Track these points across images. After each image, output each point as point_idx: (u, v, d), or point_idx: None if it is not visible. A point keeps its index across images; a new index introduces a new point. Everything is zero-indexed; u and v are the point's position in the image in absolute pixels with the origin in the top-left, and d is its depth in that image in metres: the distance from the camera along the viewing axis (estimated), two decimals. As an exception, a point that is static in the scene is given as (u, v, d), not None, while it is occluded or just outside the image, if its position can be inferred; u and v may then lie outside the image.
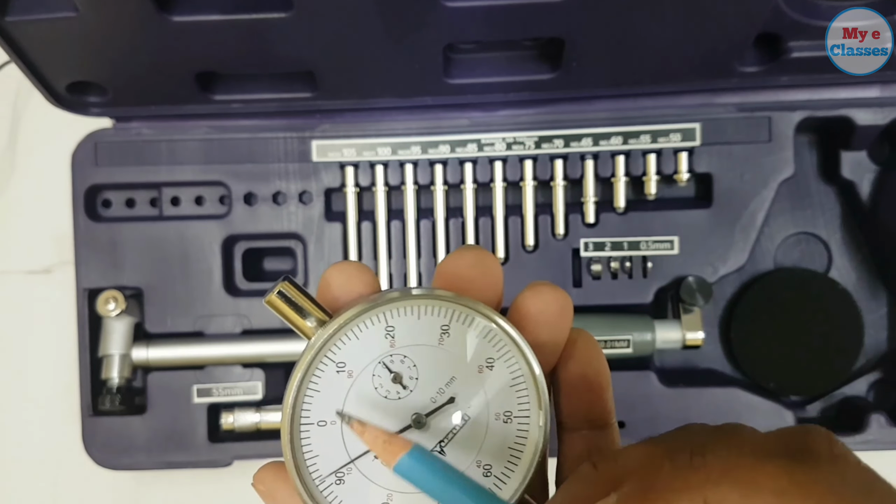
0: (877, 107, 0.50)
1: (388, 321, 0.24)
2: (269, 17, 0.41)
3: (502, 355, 0.25)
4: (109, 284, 0.51)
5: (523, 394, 0.25)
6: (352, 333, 0.24)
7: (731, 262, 0.51)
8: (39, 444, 0.56)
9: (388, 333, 0.24)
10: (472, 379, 0.25)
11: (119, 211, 0.52)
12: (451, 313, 0.25)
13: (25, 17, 0.41)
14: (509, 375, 0.25)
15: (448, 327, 0.25)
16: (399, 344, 0.24)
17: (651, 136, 0.50)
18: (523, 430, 0.25)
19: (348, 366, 0.24)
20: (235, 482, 0.55)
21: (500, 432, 0.25)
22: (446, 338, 0.25)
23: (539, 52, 0.48)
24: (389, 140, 0.51)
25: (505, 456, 0.25)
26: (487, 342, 0.25)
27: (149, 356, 0.50)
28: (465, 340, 0.25)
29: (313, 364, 0.24)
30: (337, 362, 0.24)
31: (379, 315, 0.24)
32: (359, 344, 0.24)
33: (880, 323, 0.53)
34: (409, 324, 0.25)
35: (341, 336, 0.24)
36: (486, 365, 0.25)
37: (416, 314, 0.25)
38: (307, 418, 0.24)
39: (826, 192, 0.54)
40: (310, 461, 0.24)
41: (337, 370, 0.24)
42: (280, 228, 0.51)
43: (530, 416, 0.25)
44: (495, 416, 0.25)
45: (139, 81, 0.48)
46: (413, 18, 0.42)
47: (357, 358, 0.24)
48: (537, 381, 0.25)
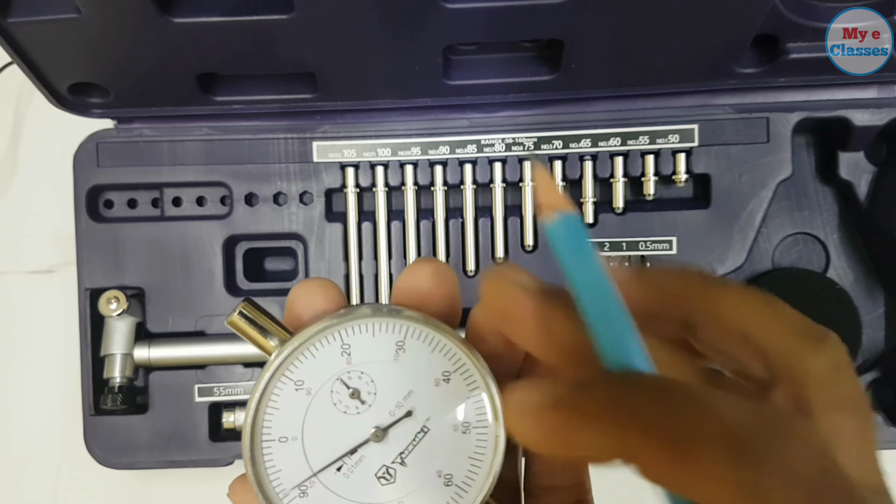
0: (874, 108, 0.50)
1: (343, 339, 0.25)
2: (270, 19, 0.41)
3: (458, 368, 0.25)
4: (111, 284, 0.51)
5: (480, 405, 0.25)
6: (308, 352, 0.25)
7: (730, 262, 0.51)
8: (42, 443, 0.56)
9: (345, 351, 0.25)
10: (429, 392, 0.25)
11: (121, 211, 0.53)
12: (405, 329, 0.25)
13: (27, 19, 0.41)
14: (466, 388, 0.25)
15: (403, 343, 0.25)
16: (356, 361, 0.25)
17: (649, 137, 0.50)
18: (482, 440, 0.25)
19: (306, 383, 0.25)
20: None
21: (459, 443, 0.25)
22: (402, 353, 0.25)
23: (538, 54, 0.48)
24: (389, 141, 0.51)
25: (465, 465, 0.25)
26: (443, 356, 0.25)
27: (150, 356, 0.50)
28: (421, 355, 0.25)
29: (271, 383, 0.25)
30: (295, 380, 0.25)
31: (335, 333, 0.25)
32: (316, 362, 0.25)
33: (878, 323, 0.54)
34: (364, 341, 0.25)
35: (298, 355, 0.25)
36: (442, 378, 0.25)
37: (370, 331, 0.25)
38: (268, 435, 0.25)
39: (824, 192, 0.54)
40: (272, 475, 0.25)
41: (295, 388, 0.25)
42: (281, 229, 0.52)
43: (488, 427, 0.25)
44: (454, 427, 0.25)
45: (141, 83, 0.48)
46: (413, 20, 0.42)
47: (314, 375, 0.25)
48: (492, 393, 0.25)
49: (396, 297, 0.26)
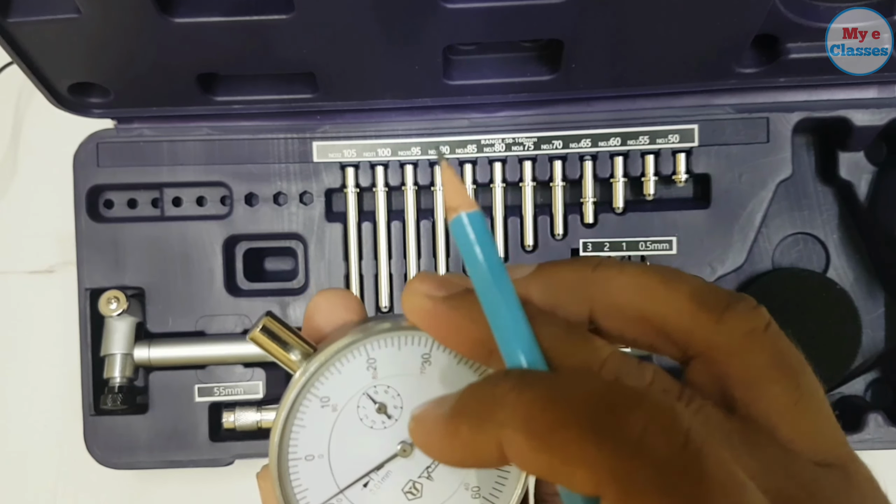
0: (874, 108, 0.50)
1: (369, 353, 0.25)
2: (271, 19, 0.41)
3: None
4: (111, 284, 0.51)
5: None
6: (334, 368, 0.25)
7: (730, 262, 0.51)
8: (42, 443, 0.57)
9: (371, 365, 0.25)
10: None
11: (121, 211, 0.53)
12: (430, 342, 0.25)
13: (27, 19, 0.41)
14: None
15: (429, 356, 0.25)
16: (381, 375, 0.25)
17: (649, 137, 0.50)
18: None
19: (332, 400, 0.25)
20: (237, 481, 0.55)
21: None
22: (428, 366, 0.25)
23: (538, 54, 0.48)
24: (390, 141, 0.51)
25: (493, 477, 0.25)
26: (468, 367, 0.25)
27: (150, 356, 0.50)
28: (447, 368, 0.25)
29: (297, 400, 0.24)
30: (321, 397, 0.25)
31: (360, 348, 0.25)
32: (342, 378, 0.25)
33: (878, 322, 0.54)
34: (390, 355, 0.25)
35: (324, 371, 0.24)
36: None
37: (396, 345, 0.25)
38: (294, 454, 0.24)
39: (824, 192, 0.54)
40: (299, 494, 0.24)
41: (321, 405, 0.25)
42: (281, 229, 0.52)
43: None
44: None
45: (141, 83, 0.48)
46: (413, 20, 0.42)
47: (340, 391, 0.25)
48: None
49: (310, 334, 0.26)
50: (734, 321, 0.20)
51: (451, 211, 0.22)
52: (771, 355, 0.20)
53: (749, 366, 0.20)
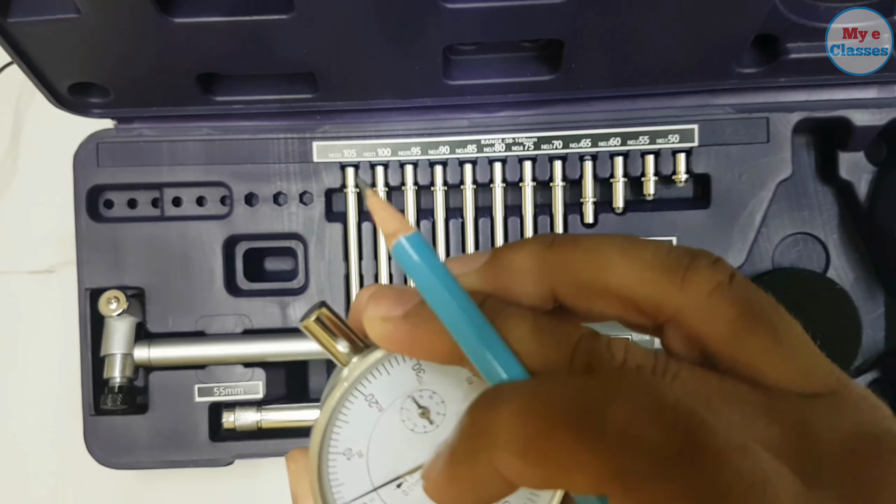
0: (874, 108, 0.50)
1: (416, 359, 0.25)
2: (271, 19, 0.41)
3: None
4: (111, 284, 0.51)
5: None
6: (383, 368, 0.24)
7: (730, 262, 0.49)
8: (41, 443, 0.57)
9: (418, 370, 0.25)
10: None
11: (121, 211, 0.53)
12: None
13: (27, 19, 0.41)
14: None
15: None
16: (427, 381, 0.25)
17: (649, 137, 0.50)
18: None
19: (378, 399, 0.24)
20: (237, 481, 0.55)
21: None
22: (474, 378, 0.25)
23: (538, 54, 0.48)
24: (389, 141, 0.51)
25: (525, 495, 0.25)
26: None
27: (150, 356, 0.50)
28: None
29: (344, 396, 0.24)
30: (367, 395, 0.24)
31: None
32: (389, 379, 0.24)
33: (878, 323, 0.54)
34: None
35: (373, 370, 0.24)
36: None
37: None
38: (335, 447, 0.24)
39: (824, 192, 0.54)
40: (335, 488, 0.24)
41: (367, 403, 0.24)
42: (281, 229, 0.52)
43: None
44: None
45: (141, 83, 0.48)
46: (413, 20, 0.42)
47: (386, 391, 0.24)
48: None
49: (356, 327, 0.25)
50: (697, 280, 0.20)
51: (389, 238, 0.21)
52: (741, 306, 0.20)
53: (721, 321, 0.19)
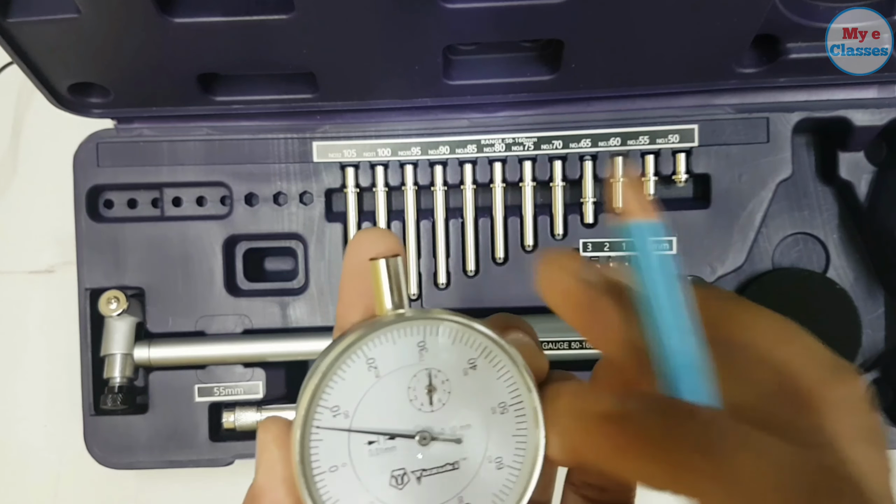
0: (874, 108, 0.50)
1: (426, 336, 0.25)
2: (271, 19, 0.41)
3: (515, 402, 0.25)
4: (111, 284, 0.51)
5: (521, 447, 0.25)
6: (391, 335, 0.24)
7: (729, 262, 0.51)
8: (41, 443, 0.57)
9: (421, 348, 0.25)
10: (483, 420, 0.25)
11: (121, 211, 0.53)
12: (482, 349, 0.25)
13: (27, 19, 0.41)
14: (515, 426, 0.25)
15: (475, 361, 0.25)
16: (426, 360, 0.25)
17: (649, 137, 0.50)
18: (511, 480, 0.25)
19: (378, 364, 0.24)
20: (237, 481, 0.55)
21: (488, 477, 0.25)
22: (472, 371, 0.25)
23: (538, 54, 0.48)
24: (389, 141, 0.51)
25: (489, 500, 0.25)
26: (505, 385, 0.25)
27: (150, 356, 0.50)
28: (489, 379, 0.25)
29: (349, 351, 0.24)
30: (368, 357, 0.24)
31: (417, 327, 0.25)
32: (393, 348, 0.25)
33: (878, 323, 0.54)
34: (443, 346, 0.25)
35: (381, 336, 0.24)
36: (498, 408, 0.25)
37: (450, 338, 0.25)
38: (324, 402, 0.24)
39: (824, 192, 0.54)
40: (314, 443, 0.24)
41: (367, 366, 0.24)
42: (281, 229, 0.52)
43: (520, 471, 0.25)
44: (489, 460, 0.25)
45: (141, 83, 0.48)
46: (413, 20, 0.42)
47: (387, 360, 0.24)
48: (538, 449, 0.24)
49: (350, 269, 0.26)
50: (851, 384, 0.22)
51: (634, 214, 0.22)
52: (873, 419, 0.22)
53: (858, 427, 0.22)
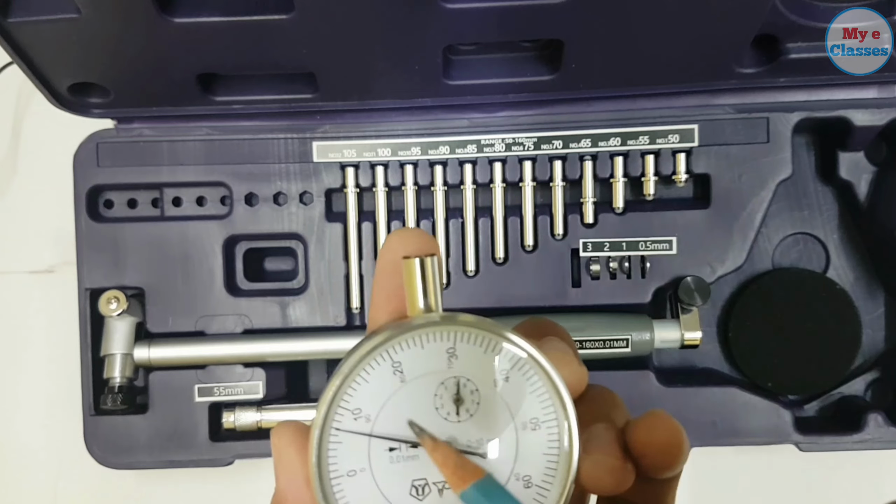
0: (874, 108, 0.50)
1: (456, 343, 0.24)
2: (271, 19, 0.41)
3: (548, 419, 0.24)
4: (111, 284, 0.51)
5: (552, 466, 0.23)
6: (419, 339, 0.23)
7: (730, 262, 0.51)
8: (41, 443, 0.56)
9: (451, 355, 0.24)
10: (512, 435, 0.24)
11: (121, 211, 0.53)
12: (516, 360, 0.24)
13: (27, 19, 0.41)
14: (546, 443, 0.24)
15: (507, 373, 0.24)
16: (456, 367, 0.24)
17: (649, 137, 0.50)
18: (539, 500, 0.23)
19: (404, 369, 0.23)
20: (237, 481, 0.55)
21: (514, 494, 0.23)
22: (504, 383, 0.24)
23: (538, 54, 0.48)
24: (390, 141, 0.51)
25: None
26: (538, 400, 0.24)
27: (150, 356, 0.50)
28: (522, 393, 0.24)
29: (374, 353, 0.23)
30: (394, 361, 0.23)
31: (448, 333, 0.24)
32: (422, 353, 0.23)
33: (878, 322, 0.54)
34: (474, 353, 0.24)
35: (408, 339, 0.23)
36: (530, 424, 0.24)
37: (483, 347, 0.24)
38: (346, 404, 0.23)
39: (824, 192, 0.54)
40: (332, 446, 0.23)
41: (393, 370, 0.23)
42: (281, 229, 0.52)
43: (549, 491, 0.23)
44: (516, 477, 0.23)
45: (141, 82, 0.48)
46: (413, 20, 0.42)
47: (414, 365, 0.23)
48: (570, 468, 0.23)
49: (383, 267, 0.25)
50: None
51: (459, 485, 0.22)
52: None
53: None
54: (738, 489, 0.56)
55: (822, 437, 0.51)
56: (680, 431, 0.23)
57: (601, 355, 0.50)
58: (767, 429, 0.51)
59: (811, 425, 0.52)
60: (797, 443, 0.51)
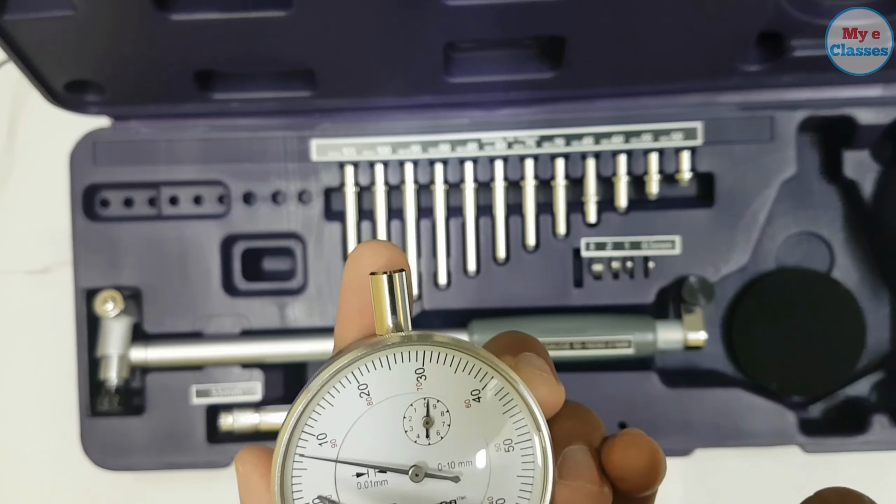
0: (879, 106, 0.50)
1: (425, 363, 0.23)
2: (269, 16, 0.41)
3: (522, 440, 0.23)
4: (108, 284, 0.51)
5: (526, 489, 0.23)
6: (386, 360, 0.23)
7: (733, 261, 0.50)
8: (37, 445, 0.56)
9: (419, 376, 0.23)
10: (485, 457, 0.23)
11: (117, 210, 0.52)
12: (488, 379, 0.23)
13: (23, 16, 0.41)
14: (521, 466, 0.23)
15: (479, 393, 0.23)
16: (425, 389, 0.23)
17: (653, 135, 0.50)
18: None
19: (370, 391, 0.23)
20: (234, 483, 0.55)
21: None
22: (475, 404, 0.23)
23: (540, 51, 0.48)
24: (389, 139, 0.50)
25: None
26: (512, 420, 0.23)
27: (147, 356, 0.50)
28: (494, 414, 0.23)
29: (338, 375, 0.23)
30: (360, 383, 0.23)
31: (416, 352, 0.23)
32: (388, 374, 0.23)
33: (883, 323, 0.53)
34: (443, 373, 0.23)
35: (374, 360, 0.23)
36: (503, 446, 0.23)
37: (452, 366, 0.23)
38: (310, 429, 0.23)
39: (828, 191, 0.53)
40: (296, 471, 0.23)
41: (358, 392, 0.23)
42: (279, 228, 0.51)
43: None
44: (489, 501, 0.23)
45: (137, 80, 0.48)
46: (413, 17, 0.42)
47: (381, 387, 0.23)
48: (546, 491, 0.23)
49: (351, 282, 0.24)
50: None
51: None
52: None
53: None
54: (741, 491, 0.56)
55: (827, 438, 0.50)
56: (657, 451, 0.23)
57: (603, 356, 0.49)
58: (771, 430, 0.50)
59: (816, 427, 0.51)
60: (801, 444, 0.50)
